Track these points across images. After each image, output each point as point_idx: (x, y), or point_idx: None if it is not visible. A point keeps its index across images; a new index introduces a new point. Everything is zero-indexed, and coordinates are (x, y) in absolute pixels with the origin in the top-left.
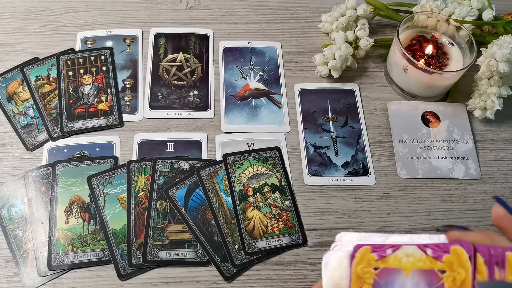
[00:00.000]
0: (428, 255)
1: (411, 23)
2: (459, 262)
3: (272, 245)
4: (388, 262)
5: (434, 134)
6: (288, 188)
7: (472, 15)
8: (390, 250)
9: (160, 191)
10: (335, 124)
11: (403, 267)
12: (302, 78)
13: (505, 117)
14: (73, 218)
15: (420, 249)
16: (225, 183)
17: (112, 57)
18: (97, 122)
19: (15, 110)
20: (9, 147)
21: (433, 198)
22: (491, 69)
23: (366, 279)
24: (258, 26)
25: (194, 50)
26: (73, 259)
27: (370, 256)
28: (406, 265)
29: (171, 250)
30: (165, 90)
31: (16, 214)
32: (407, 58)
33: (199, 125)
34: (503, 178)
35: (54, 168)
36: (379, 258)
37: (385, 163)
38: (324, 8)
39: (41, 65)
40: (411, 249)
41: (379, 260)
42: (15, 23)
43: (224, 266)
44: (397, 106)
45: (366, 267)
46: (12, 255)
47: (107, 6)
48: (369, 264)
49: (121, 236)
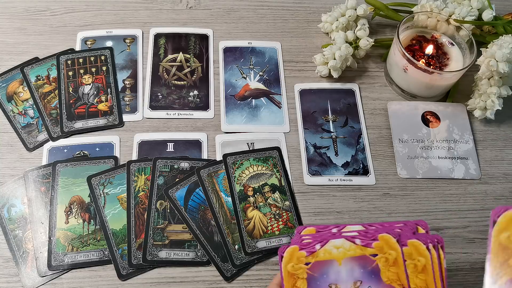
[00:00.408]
0: (357, 244)
1: (411, 23)
2: (389, 245)
3: (272, 245)
4: (319, 256)
5: (434, 134)
6: (288, 188)
7: (472, 15)
8: (318, 245)
9: (160, 191)
10: (335, 124)
11: (335, 257)
12: (302, 78)
13: (505, 117)
14: (73, 218)
15: (348, 240)
16: (225, 183)
17: (112, 57)
18: (97, 122)
19: (15, 110)
20: (9, 147)
21: (433, 198)
22: (491, 69)
23: (299, 274)
24: (258, 26)
25: (194, 50)
26: (73, 259)
27: (299, 254)
28: (337, 256)
29: (171, 250)
30: (165, 90)
31: (16, 214)
32: (407, 58)
33: (199, 125)
34: (503, 178)
35: (54, 168)
36: (308, 254)
37: (385, 163)
38: (324, 8)
39: (41, 65)
40: (339, 242)
41: (309, 255)
42: (15, 23)
43: (224, 266)
44: (397, 106)
45: (297, 264)
46: (12, 255)
47: (107, 6)
48: (299, 261)
49: (121, 236)
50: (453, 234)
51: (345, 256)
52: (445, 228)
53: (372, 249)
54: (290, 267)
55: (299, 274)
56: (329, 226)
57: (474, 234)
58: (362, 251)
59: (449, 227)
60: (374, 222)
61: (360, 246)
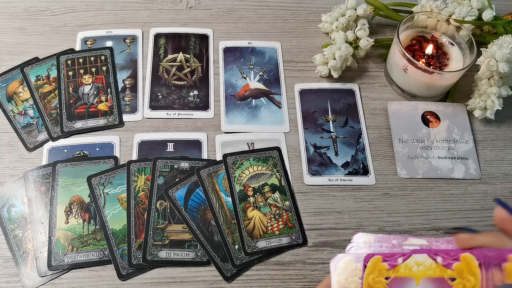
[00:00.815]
0: (438, 263)
1: (411, 23)
2: (469, 269)
3: (272, 245)
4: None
5: (434, 134)
6: (288, 188)
7: (472, 15)
8: (400, 259)
9: (160, 191)
10: (335, 124)
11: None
12: (302, 78)
13: (505, 117)
14: (73, 218)
15: (430, 257)
16: (225, 183)
17: (112, 57)
18: (97, 122)
19: (15, 110)
20: (9, 147)
21: (433, 198)
22: (491, 69)
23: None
24: (258, 26)
25: (194, 50)
26: (73, 259)
27: (381, 266)
28: (416, 274)
29: (171, 250)
30: (165, 90)
31: (16, 214)
32: (407, 58)
33: (199, 125)
34: (503, 178)
35: (54, 168)
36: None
37: (385, 163)
38: (324, 8)
39: (41, 65)
40: (422, 258)
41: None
42: (15, 23)
43: (224, 266)
44: (397, 106)
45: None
46: (12, 255)
47: (107, 6)
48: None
49: (121, 236)
50: None
51: (424, 275)
52: (445, 228)
53: (451, 271)
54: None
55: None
56: (394, 255)
57: None
58: (441, 273)
59: (449, 227)
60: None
61: (441, 266)
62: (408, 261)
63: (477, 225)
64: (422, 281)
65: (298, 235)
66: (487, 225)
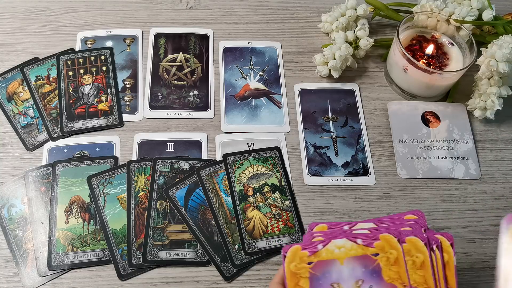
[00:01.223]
0: (359, 244)
1: (411, 23)
2: (390, 245)
3: (272, 245)
4: (321, 256)
5: (434, 134)
6: (288, 188)
7: (472, 15)
8: (320, 245)
9: (160, 191)
10: (335, 124)
11: (337, 257)
12: (302, 78)
13: (505, 117)
14: (73, 218)
15: (350, 240)
16: (225, 183)
17: (112, 57)
18: (97, 122)
19: (15, 110)
20: (9, 147)
21: (433, 198)
22: (491, 69)
23: (302, 273)
24: (258, 26)
25: (194, 50)
26: (73, 259)
27: (301, 253)
28: (339, 255)
29: (171, 250)
30: (165, 90)
31: (16, 214)
32: (407, 58)
33: (199, 125)
34: (503, 178)
35: (54, 168)
36: (311, 254)
37: (385, 163)
38: (324, 8)
39: (41, 65)
40: (341, 242)
41: (311, 255)
42: (15, 23)
43: (224, 266)
44: (397, 106)
45: (299, 263)
46: (12, 255)
47: (107, 6)
48: (302, 260)
49: (121, 236)
50: (453, 234)
51: (347, 255)
52: (445, 228)
53: (373, 248)
54: (292, 266)
55: (301, 273)
56: (340, 223)
57: (474, 234)
58: (363, 251)
59: (449, 227)
60: (385, 216)
61: (362, 246)
62: (328, 246)
63: (477, 225)
64: (346, 260)
65: (298, 235)
66: (487, 225)
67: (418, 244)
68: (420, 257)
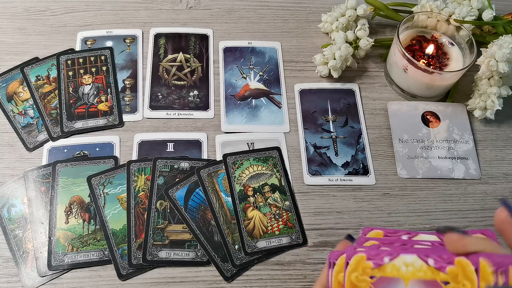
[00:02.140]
0: (429, 265)
1: (411, 23)
2: (464, 274)
3: (272, 245)
4: (385, 271)
5: (434, 134)
6: (288, 188)
7: (472, 15)
8: (387, 258)
9: (160, 191)
10: (335, 124)
11: (402, 276)
12: (302, 78)
13: (505, 117)
14: (73, 218)
15: (420, 258)
16: (225, 183)
17: (112, 57)
18: (97, 122)
19: (15, 110)
20: (9, 147)
21: (433, 198)
22: (491, 69)
23: (362, 287)
24: (258, 26)
25: (194, 50)
26: (73, 259)
27: (365, 264)
28: (405, 275)
29: (171, 250)
30: (165, 90)
31: (16, 214)
32: (407, 58)
33: (199, 125)
34: (503, 178)
35: (54, 168)
36: (375, 267)
37: (385, 163)
38: (324, 8)
39: (41, 65)
40: (411, 258)
41: (375, 268)
42: (15, 23)
43: (224, 266)
44: (397, 106)
45: (361, 275)
46: (12, 255)
47: (107, 6)
48: (364, 272)
49: (121, 236)
50: None
51: (414, 277)
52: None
53: (445, 274)
54: (354, 277)
55: (361, 287)
56: (398, 232)
57: None
58: (433, 275)
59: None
60: None
61: (433, 269)
62: (395, 260)
63: (477, 225)
64: (411, 282)
65: (298, 235)
66: (487, 225)
67: (467, 268)
68: (467, 286)
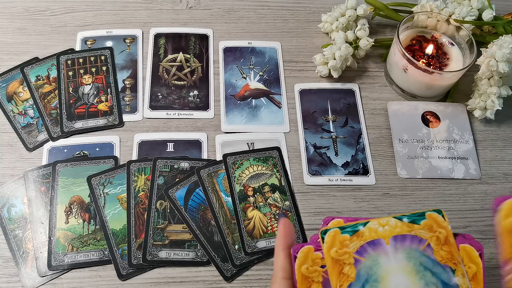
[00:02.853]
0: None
1: (411, 23)
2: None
3: (272, 245)
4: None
5: (434, 134)
6: (288, 188)
7: (472, 15)
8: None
9: (160, 191)
10: (335, 124)
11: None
12: (302, 78)
13: (505, 117)
14: (73, 218)
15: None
16: (225, 183)
17: (112, 57)
18: (97, 122)
19: (15, 110)
20: (9, 147)
21: (433, 198)
22: (491, 69)
23: (314, 277)
24: (258, 26)
25: (194, 50)
26: (73, 259)
27: (314, 255)
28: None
29: (171, 250)
30: (165, 90)
31: (16, 214)
32: (407, 58)
33: (199, 125)
34: (503, 178)
35: (54, 168)
36: (351, 234)
37: (385, 163)
38: (324, 8)
39: (41, 65)
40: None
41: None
42: (15, 23)
43: (224, 266)
44: (397, 106)
45: (312, 266)
46: (12, 255)
47: (107, 6)
48: (314, 263)
49: (121, 236)
50: None
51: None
52: None
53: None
54: (304, 269)
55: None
56: (359, 219)
57: (474, 234)
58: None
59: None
60: None
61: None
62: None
63: (477, 225)
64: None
65: (298, 235)
66: (487, 225)
67: (472, 254)
68: (472, 268)
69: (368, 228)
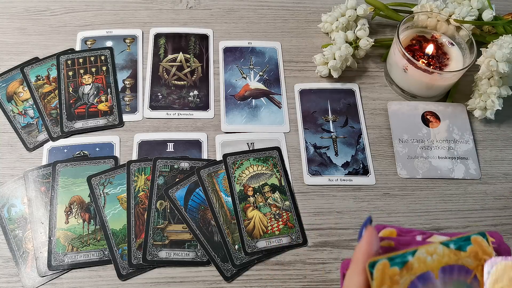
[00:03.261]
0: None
1: (411, 23)
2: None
3: (272, 245)
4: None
5: (434, 134)
6: (288, 188)
7: (472, 15)
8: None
9: (160, 191)
10: (335, 124)
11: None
12: (302, 78)
13: (505, 117)
14: (73, 218)
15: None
16: (225, 183)
17: (112, 57)
18: (97, 122)
19: (15, 110)
20: (9, 147)
21: (433, 198)
22: (491, 69)
23: None
24: (258, 26)
25: (194, 50)
26: (73, 259)
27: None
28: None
29: (171, 250)
30: (165, 90)
31: (16, 214)
32: (407, 58)
33: (199, 125)
34: (503, 178)
35: (54, 168)
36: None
37: (385, 163)
38: (324, 8)
39: (41, 65)
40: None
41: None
42: (15, 23)
43: (224, 266)
44: (397, 106)
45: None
46: (12, 255)
47: (107, 6)
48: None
49: (121, 236)
50: None
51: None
52: (445, 228)
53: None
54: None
55: None
56: (413, 231)
57: None
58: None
59: (449, 227)
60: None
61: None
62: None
63: (477, 225)
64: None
65: (298, 235)
66: (487, 225)
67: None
68: None
69: (417, 258)
